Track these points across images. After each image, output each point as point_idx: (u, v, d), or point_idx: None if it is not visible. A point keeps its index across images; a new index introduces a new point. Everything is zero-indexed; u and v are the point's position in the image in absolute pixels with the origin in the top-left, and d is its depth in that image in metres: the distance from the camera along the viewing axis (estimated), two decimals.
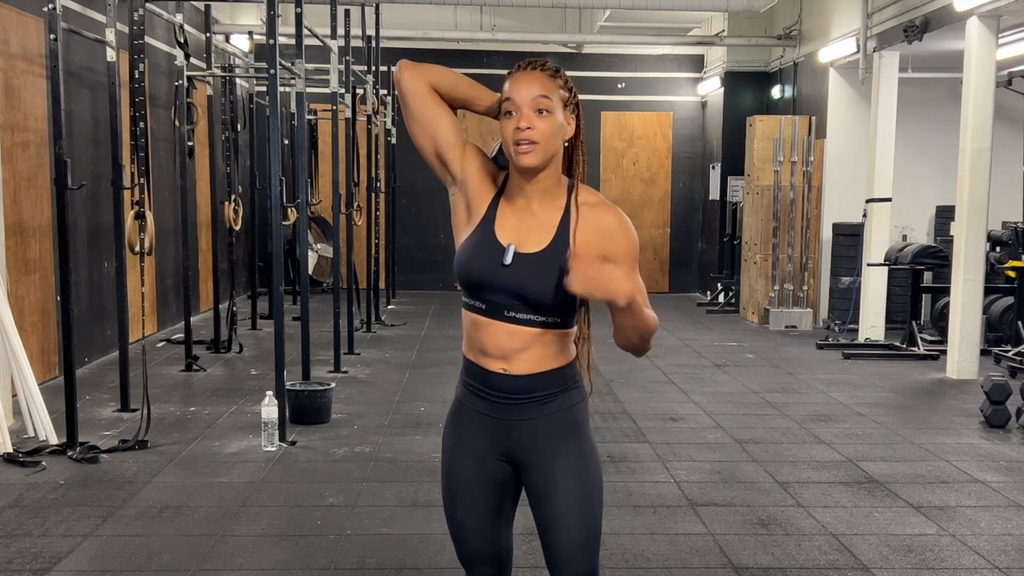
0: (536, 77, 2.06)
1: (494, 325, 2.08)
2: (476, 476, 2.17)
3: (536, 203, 2.09)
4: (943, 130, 10.41)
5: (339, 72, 7.62)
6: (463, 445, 2.18)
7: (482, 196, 2.13)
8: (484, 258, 2.07)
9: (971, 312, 7.36)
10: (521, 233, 2.08)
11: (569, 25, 12.64)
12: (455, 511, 2.21)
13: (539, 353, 2.09)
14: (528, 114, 2.02)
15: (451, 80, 2.15)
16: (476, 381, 2.15)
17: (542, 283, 2.03)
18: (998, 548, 3.88)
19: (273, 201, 5.54)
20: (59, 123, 4.98)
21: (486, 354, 2.11)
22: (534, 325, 2.07)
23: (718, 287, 11.94)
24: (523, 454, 2.14)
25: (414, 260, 13.12)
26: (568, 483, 2.11)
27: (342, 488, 4.49)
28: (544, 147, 2.02)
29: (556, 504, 2.11)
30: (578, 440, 2.14)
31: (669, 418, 6.00)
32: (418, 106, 2.13)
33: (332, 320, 7.43)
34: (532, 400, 2.11)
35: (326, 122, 9.97)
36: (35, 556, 3.63)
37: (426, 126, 2.14)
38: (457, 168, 2.15)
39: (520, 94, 2.03)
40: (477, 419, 2.16)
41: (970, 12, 7.13)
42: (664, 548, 3.80)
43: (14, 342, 5.11)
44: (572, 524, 2.11)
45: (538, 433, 2.12)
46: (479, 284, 2.08)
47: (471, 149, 2.16)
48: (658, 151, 13.43)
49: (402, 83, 2.13)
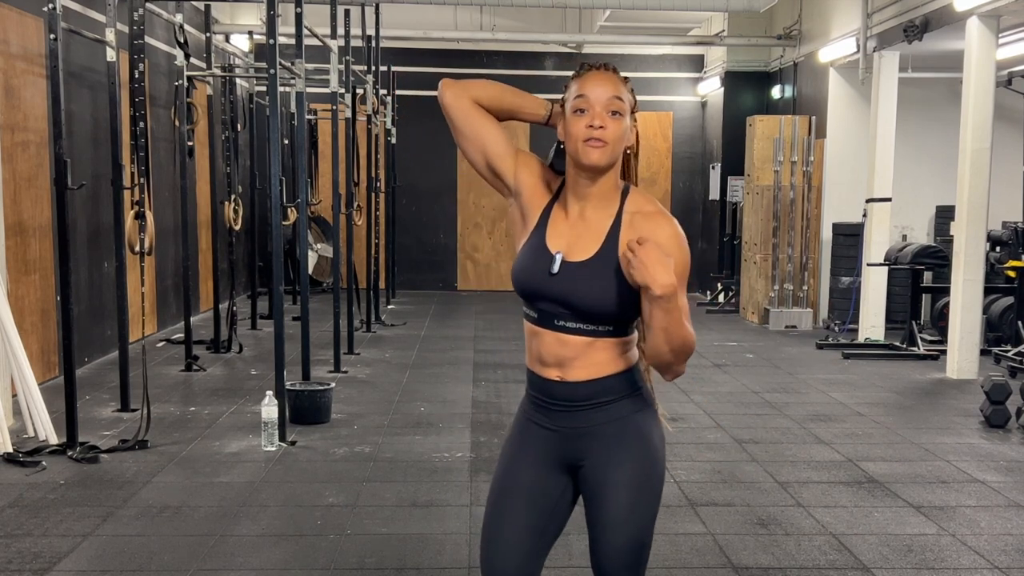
0: (610, 78, 2.02)
1: (547, 334, 2.06)
2: (528, 487, 2.12)
3: (590, 209, 2.06)
4: (943, 130, 10.41)
5: (339, 72, 7.62)
6: (521, 453, 2.15)
7: (536, 203, 2.12)
8: (534, 267, 2.05)
9: (971, 312, 7.36)
10: (572, 240, 2.05)
11: (569, 25, 12.64)
12: (496, 520, 2.13)
13: (593, 360, 2.04)
14: (601, 113, 1.99)
15: (494, 92, 2.13)
16: (536, 391, 2.13)
17: (588, 292, 1.99)
18: (998, 548, 3.88)
19: (273, 201, 5.54)
20: (59, 123, 4.98)
21: (543, 363, 2.09)
22: (583, 334, 2.03)
23: (718, 287, 11.94)
24: (582, 461, 2.10)
25: (414, 260, 13.12)
26: (621, 491, 2.05)
27: (342, 488, 4.49)
28: (612, 149, 2.00)
29: (607, 511, 2.06)
30: (641, 446, 2.08)
31: (669, 418, 5.98)
32: (463, 122, 2.12)
33: (332, 320, 7.43)
34: (590, 407, 2.07)
35: (326, 122, 9.97)
36: (35, 556, 3.63)
37: (474, 141, 2.12)
38: (510, 178, 2.13)
39: (595, 93, 2.00)
40: (537, 430, 2.13)
41: (970, 12, 7.13)
42: (664, 548, 3.80)
43: (14, 342, 5.11)
44: (620, 533, 2.06)
45: (599, 439, 2.07)
46: (531, 293, 2.06)
47: (524, 157, 2.15)
48: (658, 151, 13.43)
49: (445, 101, 2.12)
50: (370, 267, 9.93)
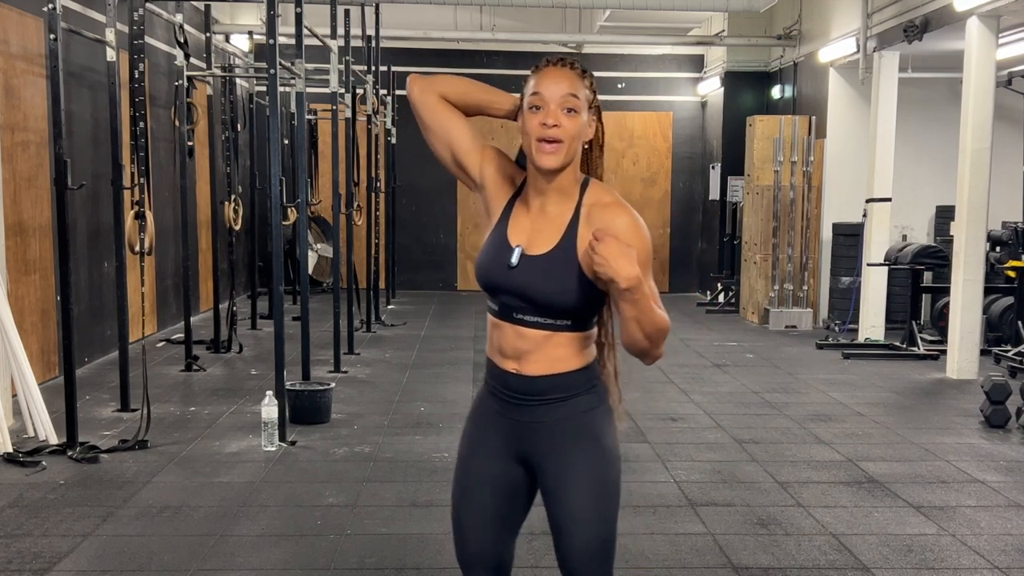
0: (566, 75, 2.03)
1: (507, 326, 2.09)
2: (490, 477, 2.15)
3: (550, 203, 2.08)
4: (943, 130, 10.41)
5: (339, 72, 7.62)
6: (479, 443, 2.18)
7: (499, 198, 2.14)
8: (495, 260, 2.08)
9: (971, 312, 7.36)
10: (532, 234, 2.07)
11: (569, 25, 12.64)
12: (462, 510, 2.19)
13: (550, 355, 2.06)
14: (555, 111, 2.00)
15: (462, 88, 2.14)
16: (494, 380, 2.16)
17: (546, 285, 2.02)
18: (998, 548, 3.88)
19: (273, 201, 5.54)
20: (59, 123, 4.98)
21: (503, 354, 2.12)
22: (541, 327, 2.05)
23: (718, 287, 11.94)
24: (538, 457, 2.12)
25: (414, 260, 13.12)
26: (582, 487, 2.08)
27: (342, 488, 4.49)
28: (567, 147, 2.01)
29: (569, 508, 2.08)
30: (595, 444, 2.10)
31: (669, 418, 6.00)
32: (430, 117, 2.13)
33: (332, 320, 7.43)
34: (545, 402, 2.09)
35: (326, 122, 9.96)
36: (35, 556, 3.63)
37: (441, 136, 2.14)
38: (476, 173, 2.15)
39: (549, 90, 2.01)
40: (494, 418, 2.17)
41: (970, 12, 7.13)
42: (664, 548, 3.80)
43: (14, 342, 5.11)
44: (585, 529, 2.08)
45: (553, 436, 2.10)
46: (492, 286, 2.09)
47: (489, 152, 2.16)
48: (658, 151, 13.43)
49: (413, 97, 2.13)
50: (370, 267, 9.93)
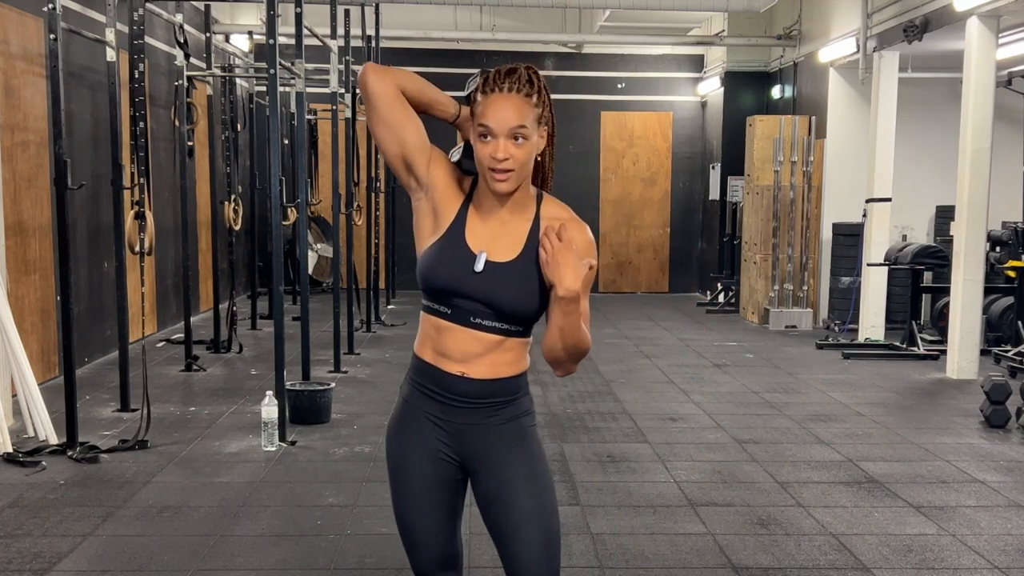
0: (512, 103, 1.98)
1: (458, 330, 2.08)
2: (431, 478, 2.15)
3: (506, 213, 2.09)
4: (943, 130, 10.41)
5: (339, 72, 7.63)
6: (414, 448, 2.16)
7: (450, 202, 2.12)
8: (453, 264, 2.07)
9: (971, 312, 7.36)
10: (492, 241, 2.07)
11: (569, 25, 12.64)
12: (411, 516, 2.18)
13: (498, 359, 2.09)
14: (505, 143, 1.98)
15: (418, 85, 2.11)
16: (430, 383, 2.14)
17: (512, 292, 2.04)
18: (998, 548, 3.88)
19: (273, 201, 5.54)
20: (59, 123, 4.98)
21: (446, 356, 2.10)
22: (497, 332, 2.07)
23: (718, 287, 11.94)
24: (474, 459, 2.13)
25: (414, 260, 12.81)
26: (524, 491, 2.10)
27: (342, 488, 4.49)
28: (519, 173, 2.02)
29: (513, 512, 2.09)
30: (529, 448, 2.14)
31: (669, 418, 6.00)
32: (387, 109, 2.09)
33: (332, 320, 7.43)
34: (486, 405, 2.11)
35: (326, 122, 9.97)
36: (35, 556, 3.63)
37: (395, 129, 2.09)
38: (423, 173, 2.12)
39: (497, 122, 1.98)
40: (427, 421, 2.14)
41: (970, 12, 7.13)
42: (664, 548, 3.80)
43: (14, 342, 5.11)
44: (532, 531, 2.09)
45: (490, 439, 2.12)
46: (447, 290, 2.08)
47: (437, 154, 2.14)
48: (658, 151, 13.43)
49: (369, 86, 2.08)
50: (370, 267, 9.92)
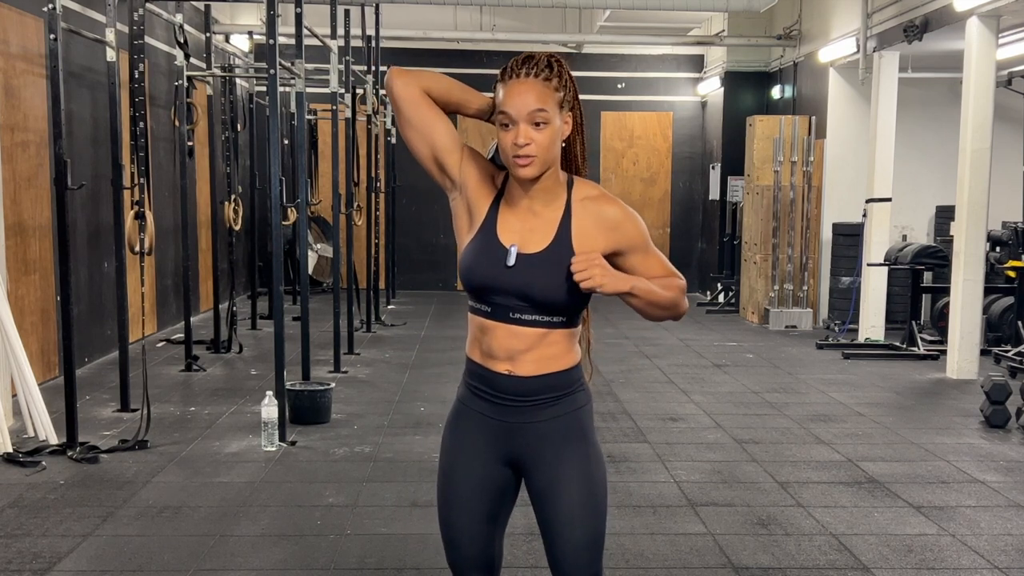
0: (530, 87, 1.98)
1: (500, 328, 2.08)
2: (477, 480, 2.15)
3: (538, 203, 2.08)
4: (943, 130, 10.41)
5: (339, 72, 7.62)
6: (465, 447, 2.16)
7: (483, 199, 2.12)
8: (488, 261, 2.07)
9: (971, 312, 7.36)
10: (524, 234, 2.07)
11: (569, 25, 12.64)
12: (451, 515, 2.18)
13: (545, 354, 2.08)
14: (525, 129, 1.98)
15: (444, 85, 2.12)
16: (480, 383, 2.14)
17: (546, 282, 2.03)
18: (998, 548, 3.88)
19: (273, 201, 5.54)
20: (59, 123, 4.98)
21: (492, 356, 2.10)
22: (539, 325, 2.06)
23: (718, 287, 11.94)
24: (527, 458, 2.13)
25: (414, 260, 13.11)
26: (573, 486, 2.09)
27: (342, 488, 4.49)
28: (542, 158, 2.01)
29: (561, 508, 2.09)
30: (583, 443, 2.12)
31: (669, 418, 6.00)
32: (414, 112, 2.10)
33: (332, 320, 7.43)
34: (537, 403, 2.10)
35: (326, 122, 9.97)
36: (35, 556, 3.63)
37: (423, 131, 2.11)
38: (456, 172, 2.13)
39: (515, 108, 1.97)
40: (480, 421, 2.15)
41: (970, 12, 7.13)
42: (664, 548, 3.80)
43: (14, 342, 5.11)
44: (577, 528, 2.09)
45: (543, 436, 2.11)
46: (484, 287, 2.08)
47: (468, 152, 2.15)
48: (658, 151, 13.43)
49: (395, 90, 2.09)
50: (370, 267, 9.92)
